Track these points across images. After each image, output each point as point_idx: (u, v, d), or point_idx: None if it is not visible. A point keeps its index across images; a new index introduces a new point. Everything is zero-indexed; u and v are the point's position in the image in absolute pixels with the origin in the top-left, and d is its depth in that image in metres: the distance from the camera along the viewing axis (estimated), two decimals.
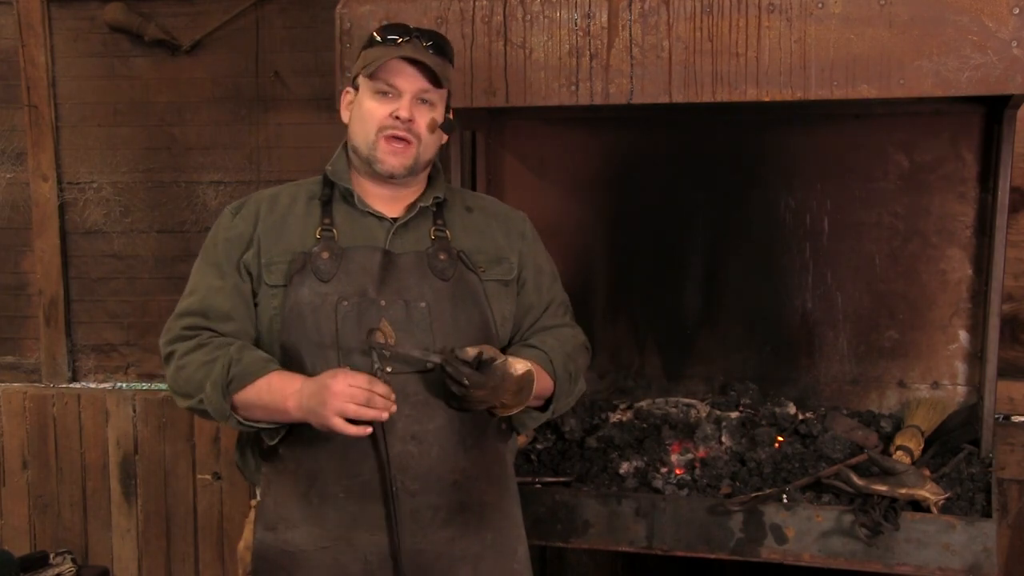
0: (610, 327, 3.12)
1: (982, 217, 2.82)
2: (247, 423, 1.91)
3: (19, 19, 3.66)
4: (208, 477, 3.74)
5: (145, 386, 3.81)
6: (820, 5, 2.26)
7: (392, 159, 1.94)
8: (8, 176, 3.78)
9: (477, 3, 2.45)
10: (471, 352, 1.82)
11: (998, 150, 2.66)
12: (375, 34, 1.98)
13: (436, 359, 1.82)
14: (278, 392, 1.85)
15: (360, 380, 1.77)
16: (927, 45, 2.22)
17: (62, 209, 3.75)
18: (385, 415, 1.79)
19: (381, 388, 1.78)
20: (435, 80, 1.94)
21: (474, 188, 3.13)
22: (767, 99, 2.32)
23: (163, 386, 3.79)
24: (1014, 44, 2.17)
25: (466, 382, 1.80)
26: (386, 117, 1.93)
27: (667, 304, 3.09)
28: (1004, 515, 3.06)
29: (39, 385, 3.84)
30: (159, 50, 3.62)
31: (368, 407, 1.76)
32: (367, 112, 1.95)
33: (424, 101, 1.95)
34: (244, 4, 3.56)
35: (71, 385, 3.83)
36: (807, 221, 2.95)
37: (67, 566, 3.58)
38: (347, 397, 1.75)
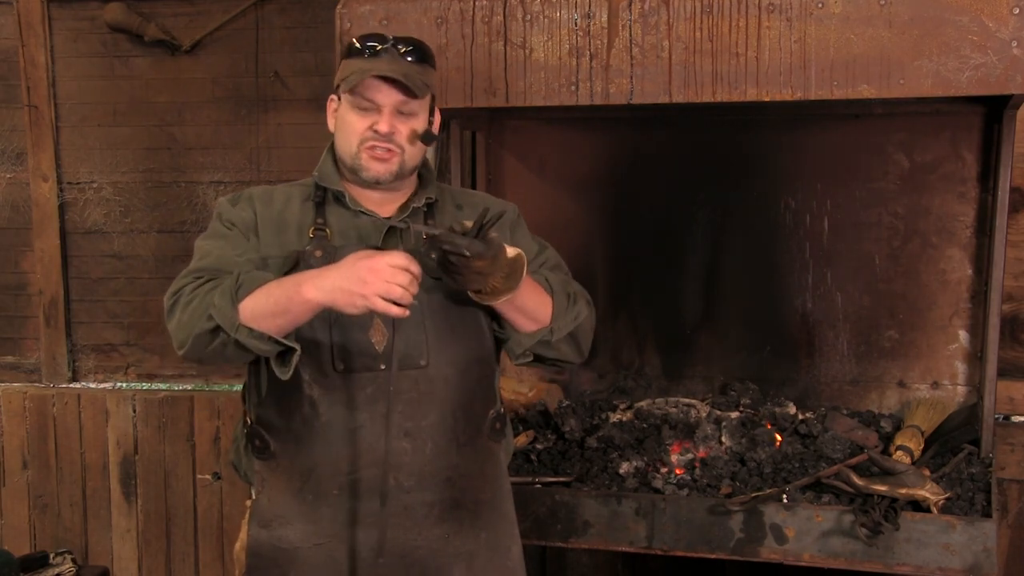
0: (610, 327, 3.12)
1: (982, 217, 2.82)
2: (257, 333, 1.79)
3: (19, 19, 3.66)
4: (208, 477, 3.74)
5: (145, 386, 3.81)
6: (820, 5, 2.26)
7: (377, 166, 1.94)
8: (8, 176, 3.78)
9: (477, 3, 2.45)
10: (468, 223, 1.74)
11: (998, 150, 2.66)
12: (355, 41, 1.97)
13: (436, 231, 1.73)
14: (290, 282, 1.78)
15: (400, 260, 1.71)
16: (927, 45, 2.22)
17: (62, 209, 3.75)
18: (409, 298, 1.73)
19: (417, 268, 1.72)
20: (412, 93, 1.92)
21: (474, 188, 3.13)
22: (767, 99, 2.32)
23: (163, 386, 3.80)
24: (1014, 44, 2.17)
25: (467, 252, 1.71)
26: (366, 130, 1.93)
27: (667, 304, 3.09)
28: (1004, 515, 3.06)
29: (39, 385, 3.84)
30: (159, 50, 3.62)
31: (409, 289, 1.71)
32: (348, 125, 1.95)
33: (404, 113, 1.94)
34: (244, 4, 3.56)
35: (71, 385, 3.83)
36: (807, 221, 2.95)
37: (67, 566, 3.58)
38: (389, 276, 1.70)
